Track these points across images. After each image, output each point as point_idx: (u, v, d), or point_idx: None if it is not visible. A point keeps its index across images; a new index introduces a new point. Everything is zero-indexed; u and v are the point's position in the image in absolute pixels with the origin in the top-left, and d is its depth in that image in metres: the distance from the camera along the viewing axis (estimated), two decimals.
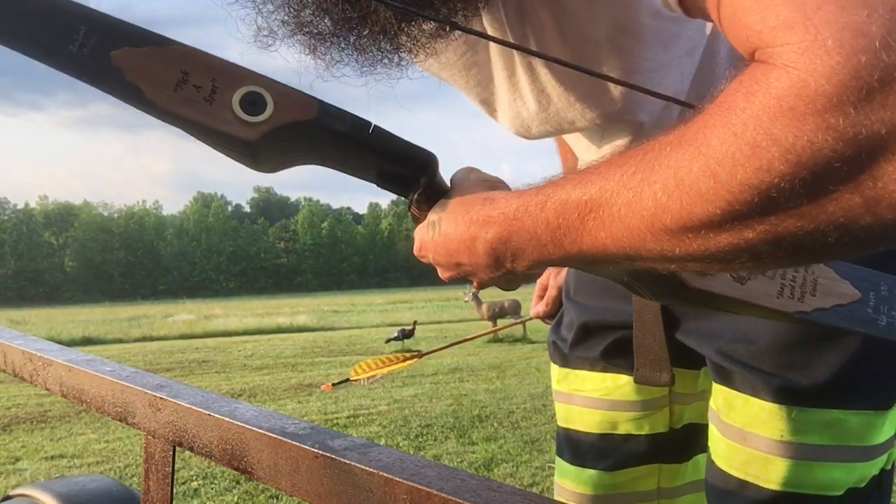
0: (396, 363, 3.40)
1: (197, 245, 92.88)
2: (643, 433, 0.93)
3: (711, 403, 0.83)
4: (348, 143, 0.55)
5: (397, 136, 0.57)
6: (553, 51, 0.66)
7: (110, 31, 0.51)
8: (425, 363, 8.67)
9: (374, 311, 22.98)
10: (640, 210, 0.40)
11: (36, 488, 1.16)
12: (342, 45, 0.62)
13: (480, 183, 0.60)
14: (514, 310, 12.36)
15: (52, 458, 4.51)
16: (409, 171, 0.59)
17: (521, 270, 0.55)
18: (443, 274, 0.65)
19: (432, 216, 0.61)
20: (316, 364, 9.23)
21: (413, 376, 7.56)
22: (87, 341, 15.07)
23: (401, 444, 4.45)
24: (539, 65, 0.69)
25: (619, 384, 0.93)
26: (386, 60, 0.64)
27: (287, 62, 0.67)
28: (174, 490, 0.70)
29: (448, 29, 0.60)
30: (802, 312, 0.53)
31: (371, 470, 0.49)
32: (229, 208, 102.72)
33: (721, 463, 0.78)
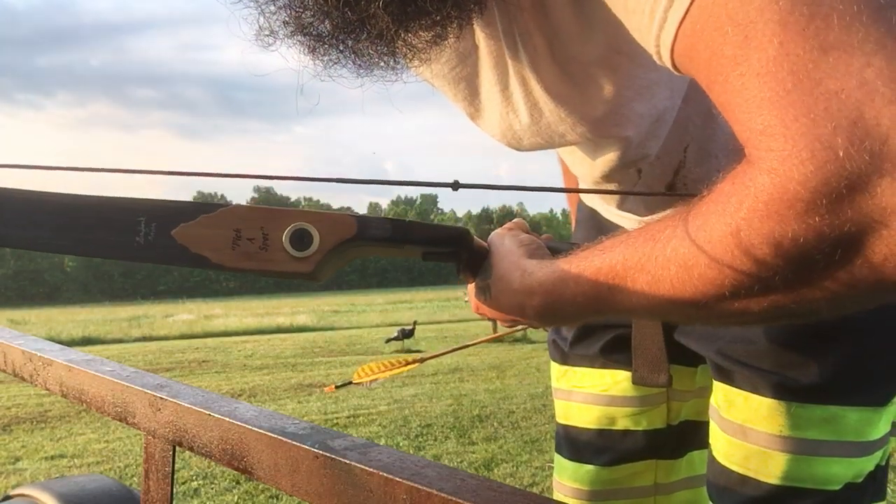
0: (398, 367, 3.41)
1: None
2: (641, 429, 0.94)
3: (712, 401, 0.84)
4: (391, 244, 0.62)
5: (431, 224, 0.65)
6: (544, 68, 0.68)
7: (165, 214, 0.57)
8: (425, 363, 8.66)
9: (374, 311, 22.98)
10: (660, 290, 0.48)
11: (36, 488, 1.16)
12: (341, 47, 0.64)
13: (515, 249, 0.66)
14: None
15: (52, 458, 4.51)
16: (448, 250, 0.66)
17: (570, 323, 0.66)
18: (502, 325, 0.74)
19: (480, 283, 0.69)
20: (316, 364, 9.23)
21: (413, 376, 7.56)
22: (87, 341, 15.07)
23: (401, 444, 4.45)
24: (532, 79, 0.70)
25: (617, 380, 0.94)
26: (382, 64, 0.66)
27: (286, 61, 0.68)
28: (174, 490, 0.70)
29: (442, 38, 0.62)
30: None
31: (371, 470, 0.49)
32: None
33: (722, 459, 0.79)
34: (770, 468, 0.73)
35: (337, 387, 4.29)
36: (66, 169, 0.63)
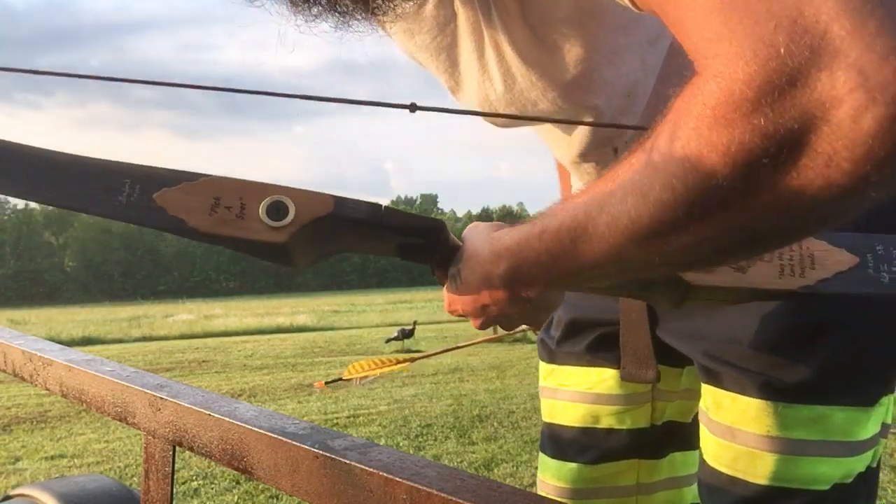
0: (389, 365, 3.42)
1: (197, 245, 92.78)
2: (625, 427, 0.94)
3: (701, 404, 0.83)
4: (366, 227, 0.62)
5: (407, 212, 0.64)
6: (516, 30, 0.69)
7: (149, 178, 0.60)
8: (425, 363, 8.67)
9: (374, 311, 22.98)
10: (619, 227, 0.47)
11: (36, 488, 1.16)
12: (320, 1, 0.66)
13: (486, 229, 0.65)
14: None
15: (52, 458, 4.51)
16: (423, 240, 0.65)
17: (536, 297, 0.61)
18: (475, 324, 0.70)
19: (452, 270, 0.67)
20: (316, 364, 9.23)
21: (413, 376, 7.56)
22: (87, 341, 15.06)
23: (401, 444, 4.45)
24: (504, 43, 0.71)
25: (602, 378, 0.95)
26: (360, 17, 0.68)
27: (269, 14, 0.70)
28: (174, 490, 0.70)
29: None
30: (807, 286, 0.56)
31: (371, 470, 0.49)
32: None
33: (711, 460, 0.79)
34: (758, 469, 0.73)
35: (327, 383, 4.30)
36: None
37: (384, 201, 0.68)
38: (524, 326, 0.81)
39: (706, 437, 0.81)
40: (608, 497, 0.96)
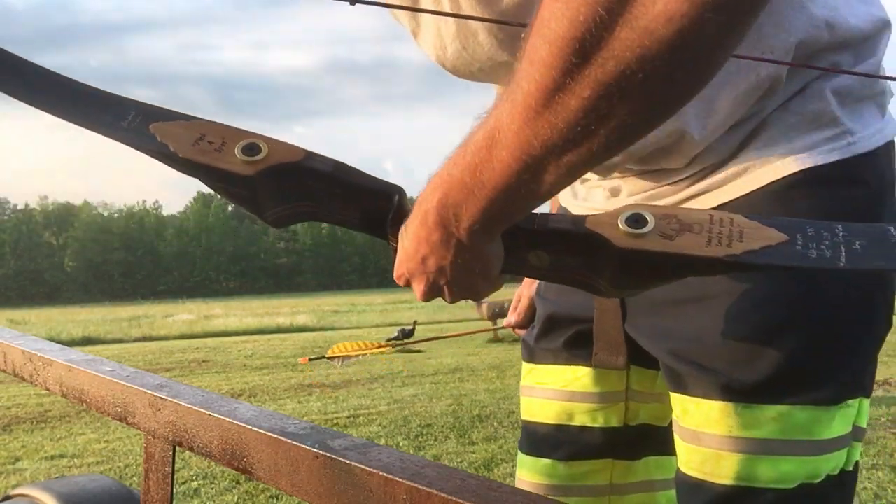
0: (371, 349, 3.46)
1: (197, 245, 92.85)
2: (597, 426, 0.95)
3: (673, 415, 0.84)
4: (332, 181, 0.66)
5: (370, 175, 0.67)
6: None
7: (151, 112, 0.68)
8: (425, 363, 8.66)
9: (374, 311, 22.98)
10: (516, 110, 0.50)
11: (36, 488, 1.16)
12: None
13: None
14: None
15: (52, 458, 4.51)
16: (383, 203, 0.67)
17: (468, 237, 0.61)
18: (418, 288, 0.68)
19: (401, 231, 0.67)
20: (316, 364, 9.23)
21: (413, 376, 7.56)
22: (87, 341, 15.07)
23: (401, 444, 4.45)
24: None
25: (577, 376, 0.95)
26: None
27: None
28: (174, 490, 0.70)
29: None
30: (732, 255, 0.57)
31: (371, 470, 0.49)
32: (229, 208, 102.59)
33: (682, 466, 0.80)
34: (722, 469, 0.73)
35: (311, 359, 4.37)
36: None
37: None
38: (470, 302, 0.80)
39: (678, 444, 0.81)
40: (581, 495, 0.96)
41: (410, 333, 11.13)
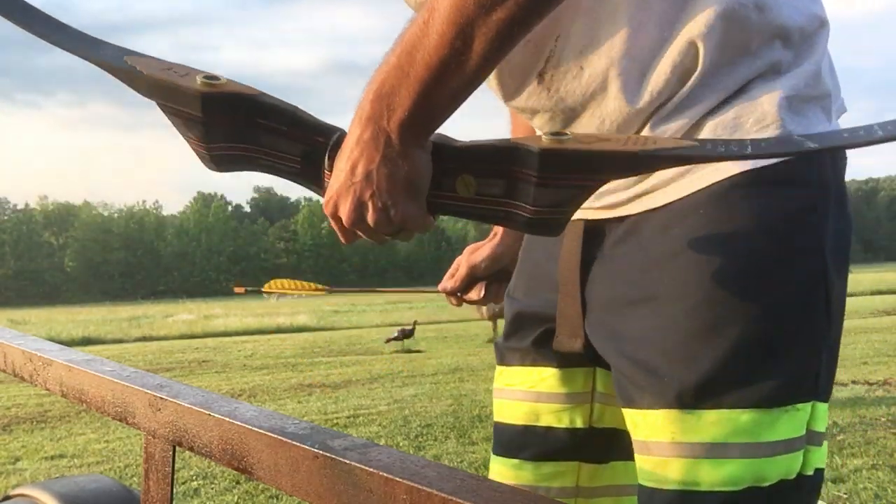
0: (307, 289, 3.50)
1: (197, 245, 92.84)
2: (563, 426, 0.96)
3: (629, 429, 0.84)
4: (281, 116, 0.70)
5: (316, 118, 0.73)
6: None
7: (135, 53, 0.74)
8: (425, 363, 8.66)
9: (374, 311, 22.96)
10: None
11: (36, 488, 1.16)
12: None
13: None
14: None
15: (52, 458, 4.51)
16: (325, 138, 0.71)
17: (397, 133, 0.66)
18: (344, 209, 0.71)
19: (337, 155, 0.71)
20: (316, 364, 9.23)
21: (413, 376, 7.55)
22: (87, 341, 15.07)
23: (401, 444, 4.45)
24: None
25: (543, 377, 0.96)
26: None
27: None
28: (174, 490, 0.70)
29: None
30: (646, 150, 0.63)
31: (371, 470, 0.49)
32: (229, 208, 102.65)
33: (639, 478, 0.80)
34: (668, 475, 0.73)
35: (247, 290, 4.44)
36: None
37: None
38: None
39: (636, 457, 0.81)
40: (547, 495, 0.96)
41: (410, 333, 11.12)
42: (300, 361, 9.58)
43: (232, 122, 0.71)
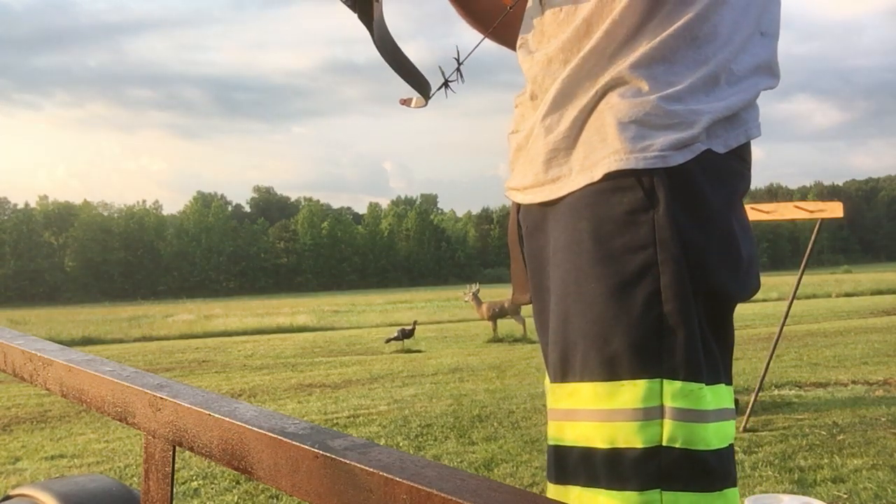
0: None
1: (197, 245, 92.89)
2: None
3: None
4: None
5: None
6: None
7: None
8: (425, 363, 8.66)
9: (374, 311, 22.97)
10: None
11: (36, 488, 1.16)
12: None
13: None
14: (514, 310, 12.36)
15: (52, 458, 4.51)
16: None
17: None
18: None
19: None
20: (316, 364, 9.23)
21: (413, 376, 7.55)
22: (87, 341, 15.08)
23: (401, 444, 4.45)
24: None
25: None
26: None
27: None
28: (174, 490, 0.70)
29: None
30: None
31: (371, 470, 0.49)
32: (229, 208, 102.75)
33: None
34: (550, 433, 0.89)
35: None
36: None
37: (384, 201, 0.72)
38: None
39: None
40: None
41: (410, 333, 11.14)
42: (300, 361, 9.58)
43: None
